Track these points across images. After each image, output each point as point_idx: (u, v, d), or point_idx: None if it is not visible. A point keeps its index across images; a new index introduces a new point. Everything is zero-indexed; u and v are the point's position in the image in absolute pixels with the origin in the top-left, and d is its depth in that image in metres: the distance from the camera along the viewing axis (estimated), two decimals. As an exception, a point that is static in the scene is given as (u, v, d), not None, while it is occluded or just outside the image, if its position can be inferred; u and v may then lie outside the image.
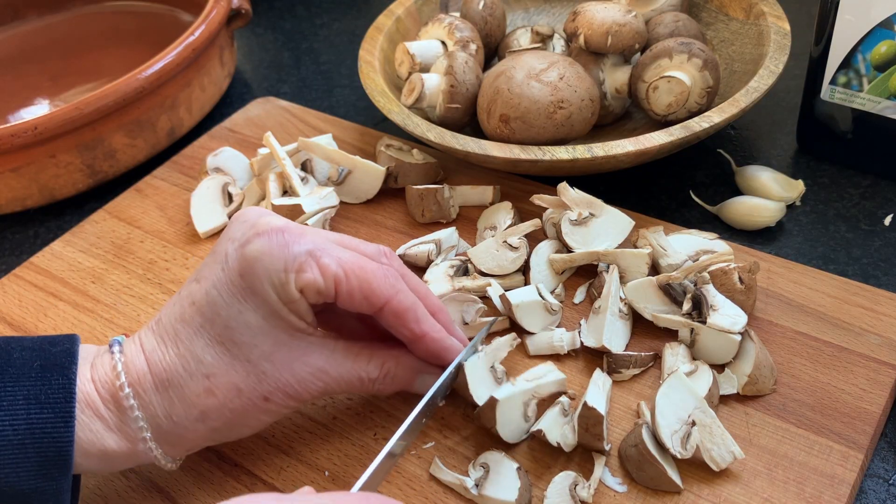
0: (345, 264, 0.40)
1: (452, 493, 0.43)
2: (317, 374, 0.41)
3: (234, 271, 0.39)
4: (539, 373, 0.45)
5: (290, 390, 0.40)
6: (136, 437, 0.39)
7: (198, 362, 0.39)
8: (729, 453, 0.41)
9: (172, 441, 0.40)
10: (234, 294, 0.39)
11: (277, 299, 0.39)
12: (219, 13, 0.72)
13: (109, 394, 0.39)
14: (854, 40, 0.54)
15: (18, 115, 0.79)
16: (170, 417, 0.39)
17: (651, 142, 0.53)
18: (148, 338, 0.40)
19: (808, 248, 0.56)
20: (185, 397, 0.39)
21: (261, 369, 0.39)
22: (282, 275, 0.39)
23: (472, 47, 0.65)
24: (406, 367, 0.43)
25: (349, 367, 0.42)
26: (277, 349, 0.40)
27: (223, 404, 0.39)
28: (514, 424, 0.43)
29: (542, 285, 0.51)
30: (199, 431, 0.40)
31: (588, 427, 0.41)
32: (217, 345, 0.39)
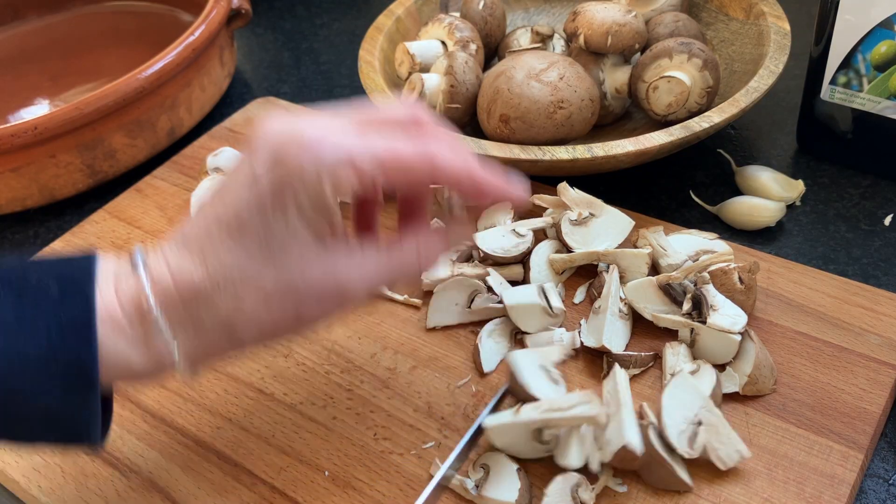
0: (382, 159, 0.38)
1: (452, 494, 0.43)
2: (353, 276, 0.39)
3: (266, 189, 0.37)
4: (564, 403, 0.41)
5: (324, 298, 0.39)
6: (164, 352, 0.38)
7: (225, 275, 0.37)
8: (736, 452, 0.41)
9: (199, 354, 0.38)
10: (264, 209, 0.37)
11: (311, 208, 0.37)
12: (219, 13, 0.72)
13: (135, 308, 0.38)
14: (854, 40, 0.54)
15: (18, 115, 0.79)
16: (198, 334, 0.38)
17: (651, 142, 0.53)
18: (173, 255, 0.39)
19: (808, 248, 0.56)
20: (213, 314, 0.38)
21: (290, 277, 0.38)
22: (317, 185, 0.37)
23: (472, 47, 0.65)
24: (433, 242, 0.42)
25: (385, 260, 0.40)
26: (307, 257, 0.38)
27: (251, 319, 0.38)
28: (523, 446, 0.42)
29: (550, 285, 0.51)
30: (224, 345, 0.38)
31: (623, 461, 0.40)
32: (245, 256, 0.38)
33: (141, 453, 0.47)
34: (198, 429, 0.48)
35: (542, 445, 0.42)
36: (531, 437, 0.42)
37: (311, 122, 0.38)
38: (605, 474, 0.42)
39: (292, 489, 0.44)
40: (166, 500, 0.45)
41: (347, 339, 0.51)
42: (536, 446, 0.42)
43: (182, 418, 0.48)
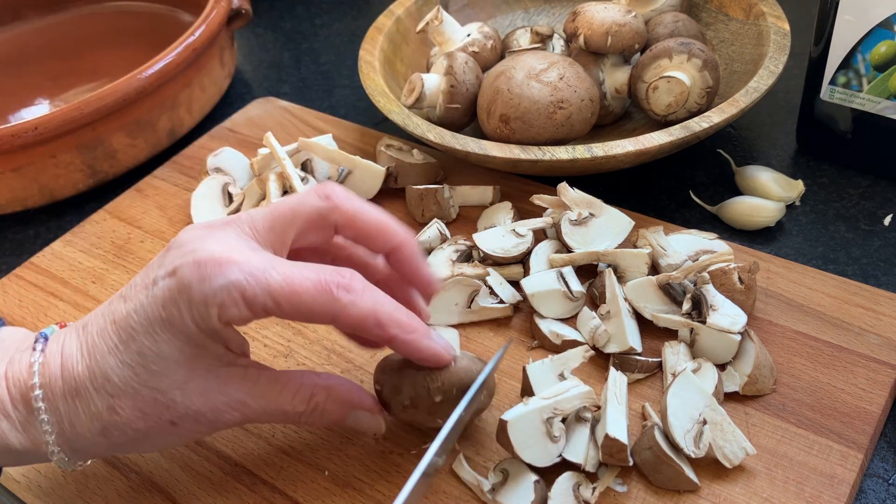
0: (274, 291, 0.36)
1: (453, 494, 0.43)
2: (234, 405, 0.39)
3: (157, 302, 0.37)
4: (561, 388, 0.43)
5: (202, 418, 0.38)
6: (40, 440, 0.38)
7: (105, 380, 0.37)
8: (741, 450, 0.41)
9: (76, 448, 0.39)
10: (153, 323, 0.37)
11: (198, 331, 0.37)
12: (219, 13, 0.72)
13: (20, 393, 0.38)
14: (854, 40, 0.54)
15: (18, 115, 0.79)
16: (73, 426, 0.38)
17: (651, 142, 0.53)
18: (70, 341, 0.39)
19: (808, 248, 0.56)
20: (89, 410, 0.38)
21: (170, 397, 0.38)
22: (202, 309, 0.36)
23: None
24: (337, 401, 0.41)
25: (273, 398, 0.40)
26: (192, 379, 0.38)
27: (126, 423, 0.38)
28: (538, 447, 0.41)
29: (569, 269, 0.51)
30: (101, 445, 0.39)
31: (612, 454, 0.41)
32: (127, 368, 0.37)
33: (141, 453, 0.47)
34: (198, 429, 0.48)
35: (554, 445, 0.42)
36: (545, 435, 0.41)
37: (219, 239, 0.38)
38: (606, 474, 0.42)
39: (292, 489, 0.44)
40: (166, 500, 0.45)
41: (347, 340, 0.51)
42: (550, 447, 0.42)
43: (182, 418, 0.48)
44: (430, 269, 0.43)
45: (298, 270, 0.37)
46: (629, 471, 0.42)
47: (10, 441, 0.38)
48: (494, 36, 0.67)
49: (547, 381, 0.44)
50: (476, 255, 0.54)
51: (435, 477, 0.43)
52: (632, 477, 0.42)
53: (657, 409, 0.45)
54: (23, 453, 0.39)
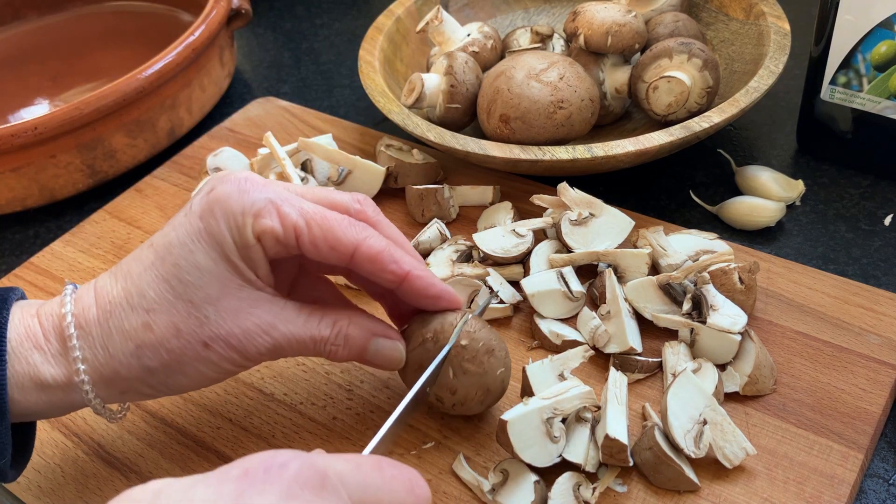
0: (307, 213, 0.39)
1: (453, 494, 0.43)
2: (264, 326, 0.39)
3: (195, 214, 0.39)
4: (561, 388, 0.43)
5: (234, 340, 0.39)
6: (72, 369, 0.38)
7: (141, 296, 0.38)
8: (741, 450, 0.41)
9: (108, 377, 0.39)
10: (191, 234, 0.39)
11: (232, 243, 0.38)
12: (219, 13, 0.72)
13: (52, 325, 0.39)
14: (854, 40, 0.54)
15: (18, 115, 0.79)
16: (106, 349, 0.38)
17: (651, 142, 0.53)
18: (102, 277, 0.40)
19: (808, 248, 0.56)
20: (123, 329, 0.38)
21: (203, 313, 0.38)
22: (239, 218, 0.38)
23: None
24: (360, 326, 0.42)
25: (300, 324, 0.40)
26: (224, 296, 0.39)
27: (160, 342, 0.38)
28: (538, 447, 0.41)
29: (569, 269, 0.51)
30: (134, 368, 0.39)
31: (613, 454, 0.41)
32: (163, 282, 0.38)
33: (141, 453, 0.47)
34: (198, 429, 0.48)
35: (555, 446, 0.42)
36: (545, 435, 0.41)
37: (253, 174, 0.40)
38: (606, 474, 0.42)
39: (292, 489, 0.44)
40: (166, 500, 0.45)
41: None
42: (550, 447, 0.42)
43: (182, 418, 0.48)
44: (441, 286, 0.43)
45: (328, 202, 0.41)
46: (629, 471, 0.42)
47: (43, 374, 0.38)
48: (494, 36, 0.67)
49: (547, 381, 0.44)
50: (476, 255, 0.54)
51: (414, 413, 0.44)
52: (632, 477, 0.42)
53: (657, 410, 0.45)
54: (56, 389, 0.38)
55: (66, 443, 0.48)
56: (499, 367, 0.42)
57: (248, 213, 0.38)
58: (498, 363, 0.42)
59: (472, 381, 0.42)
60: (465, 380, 0.42)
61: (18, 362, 0.38)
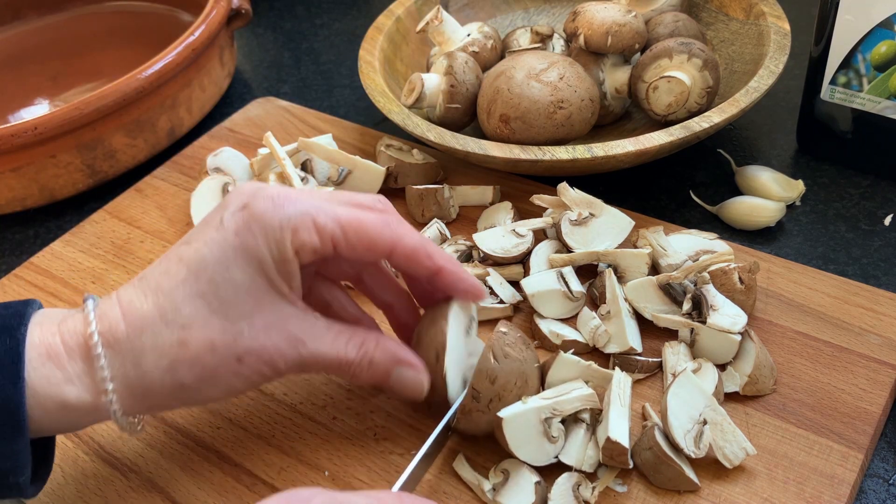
0: (342, 220, 0.40)
1: (453, 494, 0.43)
2: (294, 342, 0.40)
3: (230, 230, 0.39)
4: (563, 389, 0.43)
5: (266, 355, 0.39)
6: (99, 389, 0.38)
7: (175, 311, 0.38)
8: (741, 450, 0.41)
9: (137, 393, 0.38)
10: (226, 250, 0.38)
11: (271, 260, 0.39)
12: (219, 13, 0.72)
13: (76, 344, 0.38)
14: (854, 40, 0.54)
15: (18, 115, 0.79)
16: (138, 366, 0.38)
17: (651, 142, 0.53)
18: (126, 291, 0.40)
19: (808, 248, 0.56)
20: (157, 345, 0.38)
21: (238, 329, 0.39)
22: (278, 233, 0.38)
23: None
24: (386, 352, 0.42)
25: (328, 342, 0.41)
26: (258, 311, 0.39)
27: (195, 358, 0.38)
28: (534, 445, 0.41)
29: (569, 269, 0.51)
30: (167, 384, 0.38)
31: (613, 457, 0.41)
32: (199, 298, 0.38)
33: (141, 453, 0.47)
34: (198, 429, 0.48)
35: (552, 446, 0.42)
36: (542, 435, 0.41)
37: (282, 186, 0.41)
38: (606, 474, 0.42)
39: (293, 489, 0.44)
40: (166, 500, 0.45)
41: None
42: (547, 447, 0.42)
43: (182, 418, 0.48)
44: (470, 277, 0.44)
45: (358, 205, 0.42)
46: (629, 471, 0.42)
47: (66, 395, 0.37)
48: (494, 36, 0.67)
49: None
50: (476, 255, 0.54)
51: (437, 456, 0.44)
52: (632, 477, 0.42)
53: (657, 410, 0.45)
54: (80, 409, 0.38)
55: (66, 443, 0.48)
56: (534, 361, 0.43)
57: (286, 228, 0.39)
58: (533, 356, 0.43)
59: (512, 367, 0.41)
60: (507, 365, 0.41)
61: (40, 383, 0.37)
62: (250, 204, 0.39)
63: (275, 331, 0.39)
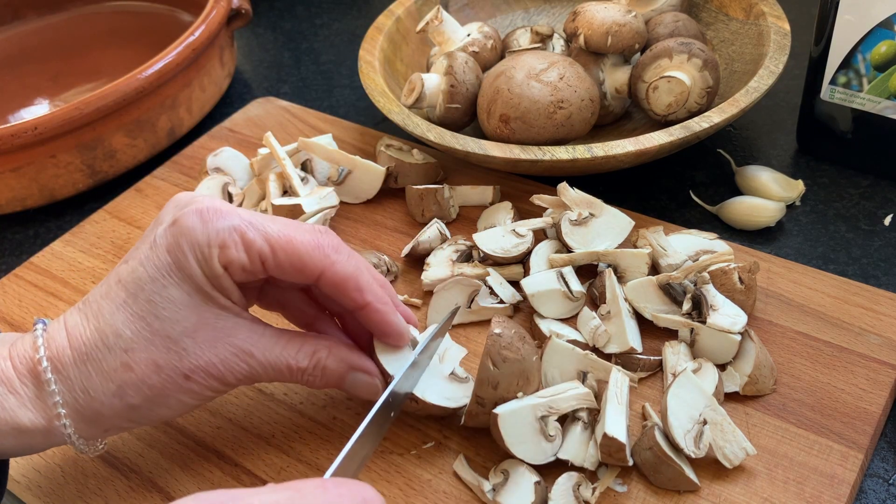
0: (271, 238, 0.39)
1: (453, 494, 0.43)
2: (241, 355, 0.40)
3: (161, 248, 0.39)
4: (560, 388, 0.43)
5: (213, 370, 0.39)
6: (52, 413, 0.38)
7: (117, 336, 0.38)
8: (741, 450, 0.41)
9: (90, 418, 0.39)
10: (160, 269, 0.38)
11: (202, 274, 0.38)
12: (219, 13, 0.72)
13: (27, 368, 0.38)
14: (854, 40, 0.54)
15: (18, 115, 0.79)
16: (87, 392, 0.38)
17: (651, 142, 0.53)
18: (72, 315, 0.40)
19: (808, 248, 0.56)
20: (102, 370, 0.38)
21: (182, 346, 0.38)
22: (206, 249, 0.38)
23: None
24: (338, 359, 0.42)
25: (277, 352, 0.40)
26: (201, 327, 0.39)
27: (141, 380, 0.38)
28: (531, 444, 0.42)
29: (569, 269, 0.51)
30: (117, 408, 0.39)
31: (611, 453, 0.41)
32: (138, 320, 0.38)
33: (141, 453, 0.47)
34: (198, 429, 0.48)
35: (549, 444, 0.42)
36: (538, 433, 0.41)
37: (215, 199, 0.40)
38: (606, 474, 0.42)
39: (292, 489, 0.44)
40: (166, 500, 0.45)
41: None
42: (544, 445, 0.42)
43: (182, 418, 0.48)
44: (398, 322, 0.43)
45: (293, 227, 0.40)
46: (629, 471, 0.42)
47: (21, 419, 0.38)
48: (494, 36, 0.67)
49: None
50: (476, 255, 0.54)
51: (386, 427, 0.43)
52: (632, 477, 0.42)
53: (657, 409, 0.45)
54: (35, 433, 0.38)
55: (66, 443, 0.48)
56: (533, 354, 0.43)
57: (213, 244, 0.38)
58: (531, 349, 0.43)
59: (512, 369, 0.41)
60: (506, 368, 0.41)
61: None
62: (179, 220, 0.39)
63: (220, 344, 0.39)
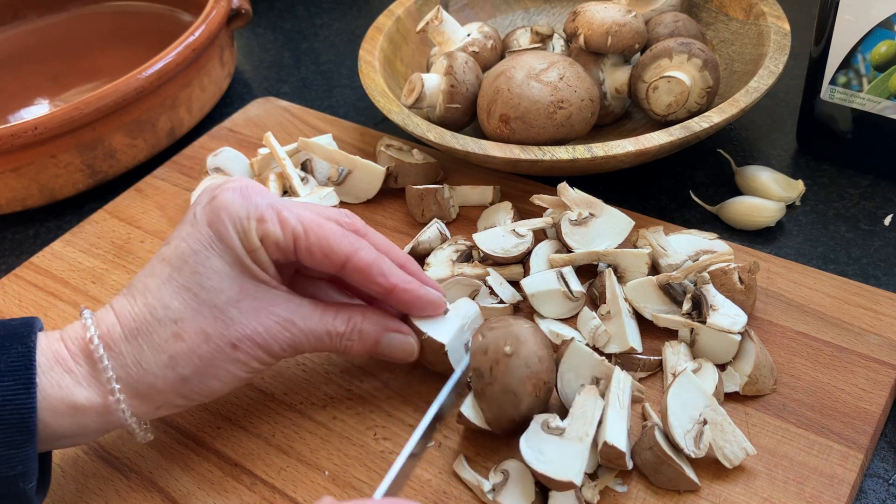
0: (304, 220, 0.41)
1: (453, 494, 0.43)
2: (284, 323, 0.41)
3: (202, 222, 0.41)
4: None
5: (259, 338, 0.41)
6: (106, 389, 0.39)
7: (165, 308, 0.40)
8: (741, 450, 0.41)
9: (143, 393, 0.40)
10: (202, 242, 0.40)
11: (241, 246, 0.40)
12: (219, 13, 0.72)
13: (79, 348, 0.40)
14: (854, 40, 0.54)
15: (18, 115, 0.79)
16: (139, 365, 0.39)
17: (651, 142, 0.53)
18: (118, 300, 0.41)
19: (808, 248, 0.56)
20: (153, 343, 0.39)
21: (228, 315, 0.40)
22: (244, 221, 0.40)
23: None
24: (373, 321, 0.44)
25: (316, 319, 0.42)
26: (244, 297, 0.41)
27: (191, 349, 0.39)
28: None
29: (569, 269, 0.51)
30: (169, 379, 0.40)
31: (611, 459, 0.41)
32: (185, 291, 0.40)
33: (141, 453, 0.47)
34: (198, 429, 0.48)
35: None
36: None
37: (252, 181, 0.43)
38: (606, 474, 0.42)
39: (292, 489, 0.44)
40: (166, 500, 0.45)
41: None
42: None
43: (182, 418, 0.48)
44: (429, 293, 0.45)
45: (323, 213, 0.43)
46: (629, 471, 0.42)
47: (77, 397, 0.39)
48: (494, 36, 0.67)
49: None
50: (476, 255, 0.54)
51: (421, 457, 0.44)
52: (632, 477, 0.42)
53: (657, 409, 0.45)
54: (90, 411, 0.39)
55: (66, 443, 0.48)
56: (525, 322, 0.43)
57: (251, 216, 0.40)
58: (523, 320, 0.43)
59: (498, 333, 0.42)
60: (493, 333, 0.42)
61: (51, 386, 0.38)
62: (218, 196, 0.41)
63: (263, 314, 0.41)
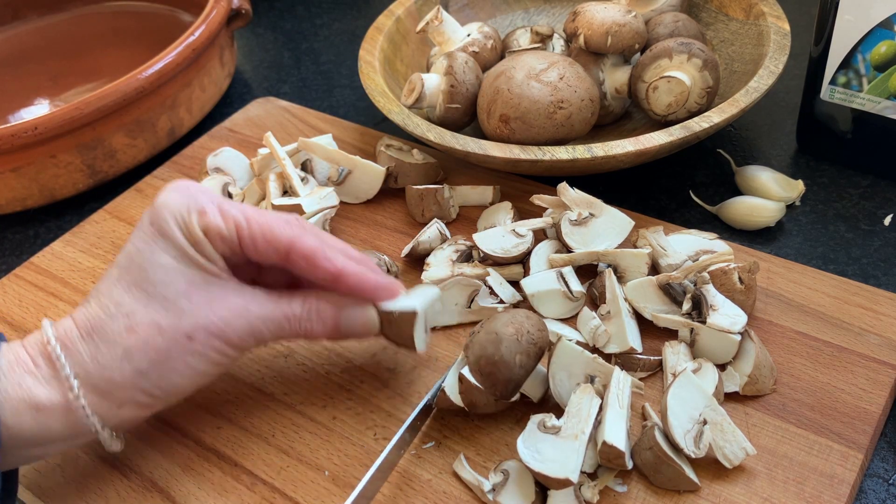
0: (246, 212, 0.42)
1: (453, 494, 0.43)
2: (238, 311, 0.42)
3: (146, 222, 0.41)
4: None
5: (213, 328, 0.41)
6: (65, 387, 0.40)
7: (117, 305, 0.40)
8: (741, 450, 0.41)
9: (102, 389, 0.40)
10: (145, 240, 0.41)
11: (184, 239, 0.41)
12: (219, 13, 0.72)
13: (39, 352, 0.40)
14: (854, 40, 0.54)
15: (18, 115, 0.79)
16: (96, 360, 0.40)
17: (651, 142, 0.53)
18: (77, 309, 0.42)
19: (808, 248, 0.56)
20: (108, 338, 0.40)
21: (179, 306, 0.40)
22: (185, 215, 0.41)
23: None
24: (329, 301, 0.44)
25: (272, 305, 0.43)
26: (193, 289, 0.41)
27: (146, 342, 0.40)
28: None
29: (569, 269, 0.51)
30: (126, 373, 0.40)
31: (610, 459, 0.41)
32: (134, 287, 0.40)
33: (141, 453, 0.47)
34: (198, 429, 0.48)
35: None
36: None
37: (195, 183, 0.43)
38: (605, 473, 0.42)
39: (292, 489, 0.44)
40: (166, 500, 0.45)
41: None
42: None
43: (182, 418, 0.48)
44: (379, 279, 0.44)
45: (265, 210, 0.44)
46: (629, 471, 0.42)
47: (38, 396, 0.39)
48: (494, 36, 0.67)
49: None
50: (476, 255, 0.54)
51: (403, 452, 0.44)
52: (632, 477, 0.42)
53: (657, 409, 0.45)
54: (52, 410, 0.39)
55: (66, 443, 0.48)
56: (503, 317, 0.43)
57: (192, 210, 0.41)
58: (505, 316, 0.43)
59: (478, 342, 0.43)
60: (472, 346, 0.43)
61: (12, 386, 0.39)
62: (160, 196, 0.42)
63: (217, 303, 0.41)
